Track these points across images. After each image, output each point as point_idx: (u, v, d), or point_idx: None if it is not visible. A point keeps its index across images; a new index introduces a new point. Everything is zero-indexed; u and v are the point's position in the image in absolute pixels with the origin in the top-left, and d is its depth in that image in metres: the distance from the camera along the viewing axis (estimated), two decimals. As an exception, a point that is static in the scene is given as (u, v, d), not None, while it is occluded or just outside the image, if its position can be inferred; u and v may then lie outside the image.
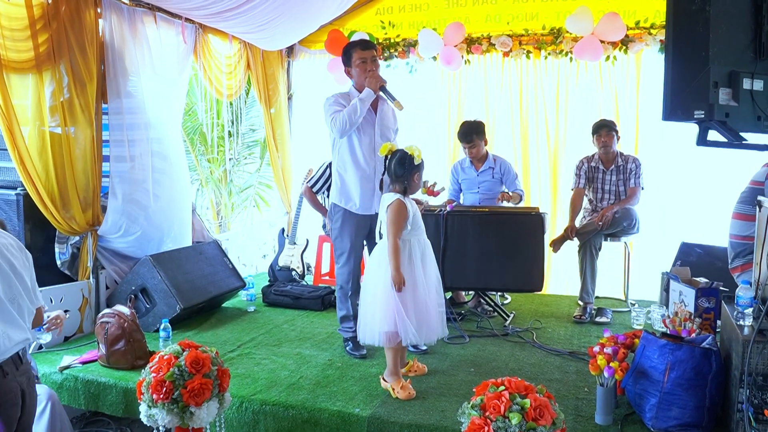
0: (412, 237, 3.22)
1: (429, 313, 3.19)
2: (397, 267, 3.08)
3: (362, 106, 3.56)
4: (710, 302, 3.59)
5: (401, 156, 3.22)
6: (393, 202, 3.17)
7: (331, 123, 3.60)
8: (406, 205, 3.17)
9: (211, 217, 7.13)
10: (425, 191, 3.93)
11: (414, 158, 3.19)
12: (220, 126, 6.82)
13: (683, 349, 2.65)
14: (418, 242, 3.25)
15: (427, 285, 3.22)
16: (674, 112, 2.13)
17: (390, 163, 3.26)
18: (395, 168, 3.22)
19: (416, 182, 3.27)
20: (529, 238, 4.24)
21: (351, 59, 3.71)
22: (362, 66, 3.67)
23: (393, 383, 3.14)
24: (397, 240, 3.12)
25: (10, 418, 2.21)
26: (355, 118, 3.55)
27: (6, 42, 3.50)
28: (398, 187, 3.23)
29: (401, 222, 3.14)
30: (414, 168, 3.21)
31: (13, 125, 3.57)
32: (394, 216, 3.14)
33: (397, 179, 3.23)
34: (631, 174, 4.65)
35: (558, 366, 3.54)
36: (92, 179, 4.07)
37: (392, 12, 6.04)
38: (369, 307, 3.22)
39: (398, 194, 3.20)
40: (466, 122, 4.77)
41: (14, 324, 2.25)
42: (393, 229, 3.13)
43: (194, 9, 4.63)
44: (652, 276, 4.93)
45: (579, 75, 5.51)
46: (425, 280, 3.22)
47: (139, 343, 3.51)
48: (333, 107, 3.64)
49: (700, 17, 2.00)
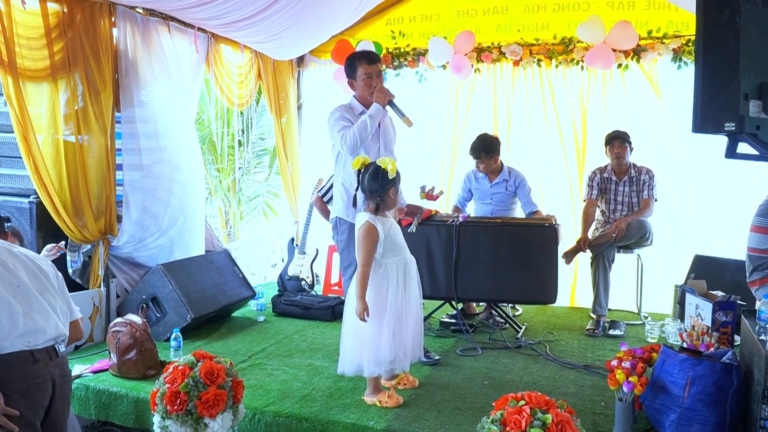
0: (389, 259, 3.06)
1: (405, 341, 3.07)
2: (361, 295, 2.93)
3: (372, 123, 3.49)
4: (727, 316, 3.54)
5: (374, 170, 3.02)
6: (362, 224, 3.00)
7: (341, 141, 3.51)
8: (376, 228, 2.99)
9: (219, 226, 7.13)
10: (424, 196, 3.88)
11: (388, 172, 3.00)
12: (230, 135, 6.83)
13: (704, 364, 2.61)
14: (396, 263, 3.09)
15: (407, 309, 3.08)
16: (704, 125, 2.10)
17: (363, 178, 3.07)
18: (368, 183, 3.03)
19: (392, 197, 3.06)
20: (542, 250, 4.20)
21: (355, 72, 3.63)
22: (367, 81, 3.59)
23: (378, 397, 3.09)
24: (365, 267, 2.96)
25: (36, 403, 2.23)
26: (365, 135, 3.48)
27: (22, 50, 3.52)
28: (371, 205, 3.04)
29: (370, 247, 2.97)
30: (388, 183, 3.01)
31: (28, 133, 3.58)
32: (362, 241, 2.98)
33: (370, 195, 3.04)
34: (644, 185, 4.62)
35: (573, 380, 3.50)
36: (106, 188, 4.08)
37: (403, 22, 6.05)
38: (346, 336, 3.12)
39: (369, 214, 3.03)
40: (479, 138, 4.72)
41: (46, 315, 2.30)
42: (362, 254, 2.98)
43: (207, 19, 4.64)
44: (664, 289, 4.89)
45: (590, 84, 5.49)
46: (405, 303, 3.08)
47: (151, 352, 3.49)
48: (340, 123, 3.55)
49: (730, 28, 1.98)
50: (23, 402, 2.18)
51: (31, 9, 3.56)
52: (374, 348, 3.02)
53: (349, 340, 3.10)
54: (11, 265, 2.28)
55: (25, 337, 2.21)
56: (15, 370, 2.18)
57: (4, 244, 2.35)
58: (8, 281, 2.23)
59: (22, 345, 2.20)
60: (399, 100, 3.63)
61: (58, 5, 3.73)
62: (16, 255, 2.33)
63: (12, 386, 2.16)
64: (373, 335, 3.02)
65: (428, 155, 6.03)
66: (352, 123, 3.54)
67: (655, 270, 5.00)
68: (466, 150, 4.85)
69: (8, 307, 2.19)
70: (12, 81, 3.48)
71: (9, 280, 2.23)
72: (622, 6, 5.25)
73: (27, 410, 2.20)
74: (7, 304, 2.19)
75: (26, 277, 2.30)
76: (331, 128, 3.61)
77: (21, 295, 2.25)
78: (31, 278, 2.31)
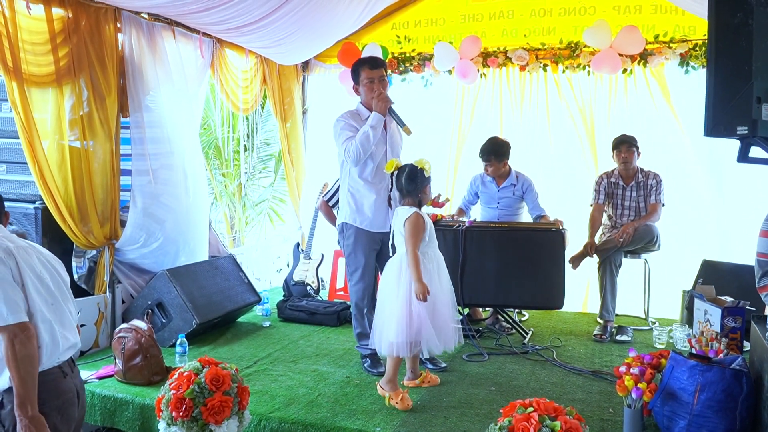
0: (429, 249, 3.26)
1: (447, 323, 3.23)
2: (418, 277, 3.10)
3: (374, 133, 3.53)
4: (736, 322, 3.51)
5: (411, 170, 3.26)
6: (411, 215, 3.19)
7: (344, 153, 3.58)
8: (424, 218, 3.21)
9: (224, 231, 7.12)
10: (430, 203, 3.90)
11: (425, 170, 3.25)
12: (236, 140, 6.83)
13: (713, 371, 2.58)
14: (434, 254, 3.30)
15: (443, 296, 3.26)
16: (716, 128, 2.08)
17: (399, 179, 3.29)
18: (406, 183, 3.26)
19: (428, 194, 3.33)
20: (549, 255, 4.18)
21: (359, 77, 3.68)
22: (369, 86, 3.63)
23: (391, 393, 3.15)
24: (416, 252, 3.14)
25: (69, 418, 2.25)
26: (368, 146, 3.53)
27: (27, 56, 3.52)
28: (412, 201, 3.26)
29: (420, 234, 3.17)
30: (425, 180, 3.27)
31: (33, 139, 3.57)
32: (413, 229, 3.16)
33: (409, 194, 3.27)
34: (651, 190, 4.59)
35: (580, 386, 3.47)
36: (111, 193, 4.07)
37: (408, 26, 6.05)
38: (385, 318, 3.23)
39: (414, 207, 3.23)
40: (490, 141, 4.71)
41: (69, 326, 2.32)
42: (412, 241, 3.15)
43: (213, 24, 4.64)
44: (672, 294, 4.86)
45: (597, 89, 5.46)
46: (441, 291, 3.26)
47: (156, 358, 3.48)
48: (345, 132, 3.60)
49: (742, 31, 1.96)
50: (59, 419, 2.19)
51: (36, 14, 3.56)
52: (406, 329, 3.13)
53: (391, 321, 3.19)
54: (46, 276, 2.26)
55: (60, 356, 2.24)
56: (50, 387, 2.19)
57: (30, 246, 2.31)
58: (46, 300, 2.22)
59: (55, 362, 2.22)
60: (405, 104, 3.64)
61: (63, 10, 3.73)
62: (44, 263, 2.30)
63: (49, 404, 2.17)
64: (409, 316, 3.13)
65: (433, 160, 5.99)
66: (358, 129, 3.57)
67: (663, 275, 4.96)
68: (472, 155, 4.84)
69: (50, 327, 2.20)
70: (17, 86, 3.48)
71: (46, 299, 2.22)
72: (629, 10, 5.24)
73: (63, 426, 2.21)
74: (49, 325, 2.20)
75: (54, 287, 2.29)
76: (336, 137, 3.66)
77: (55, 311, 2.25)
78: (56, 288, 2.31)
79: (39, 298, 2.19)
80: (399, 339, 3.14)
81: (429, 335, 3.15)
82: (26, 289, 2.15)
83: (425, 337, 3.15)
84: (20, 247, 2.23)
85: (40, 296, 2.19)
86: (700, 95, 2.66)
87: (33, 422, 2.06)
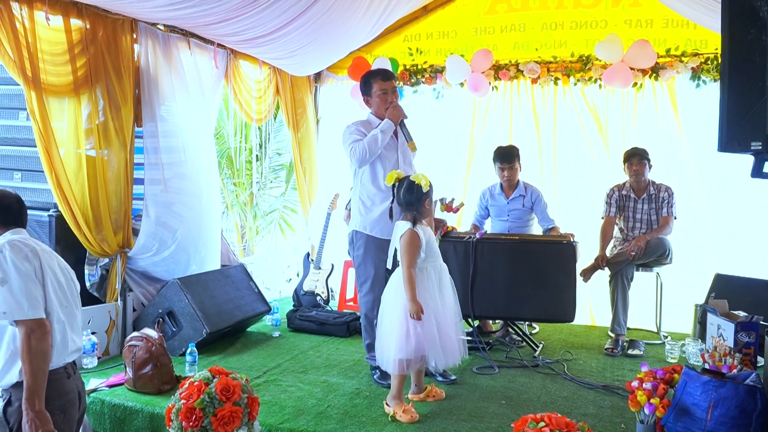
0: (428, 264, 3.23)
1: (450, 337, 3.19)
2: (412, 297, 3.08)
3: (383, 138, 3.55)
4: (750, 337, 3.47)
5: (409, 184, 3.24)
6: (405, 232, 3.17)
7: (350, 153, 3.60)
8: (419, 234, 3.17)
9: (235, 241, 7.14)
10: (444, 208, 3.89)
11: (422, 186, 3.20)
12: (248, 150, 6.86)
13: (727, 386, 2.56)
14: (434, 269, 3.26)
15: (444, 311, 3.22)
16: (730, 144, 2.08)
17: (399, 192, 3.29)
18: (404, 195, 3.24)
19: (427, 208, 3.28)
20: (560, 267, 4.16)
21: (371, 89, 3.70)
22: (383, 97, 3.66)
23: (395, 407, 3.13)
24: (411, 270, 3.13)
25: (71, 418, 2.31)
26: (375, 149, 3.55)
27: (46, 66, 3.58)
28: (409, 216, 3.23)
29: (414, 252, 3.15)
30: (423, 195, 3.22)
31: (51, 147, 3.62)
32: (407, 246, 3.14)
33: (407, 207, 3.25)
34: (663, 203, 4.58)
35: (592, 400, 3.44)
36: (124, 201, 4.11)
37: (420, 39, 6.08)
38: (386, 335, 3.22)
39: (409, 223, 3.20)
40: (504, 146, 4.74)
41: (77, 330, 2.41)
42: (407, 259, 3.14)
43: (227, 35, 4.69)
44: (684, 308, 4.82)
45: (609, 102, 5.46)
46: (443, 306, 3.22)
47: (166, 367, 3.49)
48: (353, 136, 3.62)
49: (756, 47, 1.96)
50: (62, 418, 2.25)
51: (54, 25, 3.63)
52: (404, 347, 3.10)
53: (391, 338, 3.17)
54: (63, 281, 2.36)
55: (66, 357, 2.31)
56: (55, 386, 2.24)
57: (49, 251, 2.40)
58: (61, 302, 2.32)
59: (62, 362, 2.30)
60: (416, 116, 3.66)
61: (81, 21, 3.79)
62: (62, 268, 2.41)
63: (53, 403, 2.22)
64: (407, 335, 3.10)
65: (445, 172, 6.02)
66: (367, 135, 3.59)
67: (675, 289, 4.93)
68: (483, 167, 4.83)
69: (62, 328, 2.29)
70: (36, 96, 3.53)
71: (61, 301, 2.32)
72: (640, 24, 5.25)
73: (65, 425, 2.25)
74: (62, 326, 2.29)
75: (68, 292, 2.38)
76: (344, 141, 3.68)
77: (67, 314, 2.34)
78: (70, 293, 2.39)
79: (56, 299, 2.29)
80: (398, 356, 3.11)
81: (429, 352, 3.13)
82: (46, 289, 2.26)
83: (426, 353, 3.13)
84: (44, 249, 2.34)
85: (57, 297, 2.30)
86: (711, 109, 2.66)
87: (39, 416, 2.13)
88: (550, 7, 5.54)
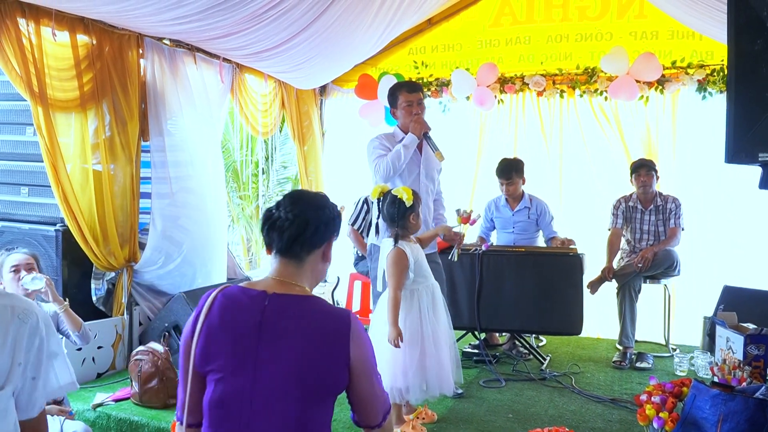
0: (418, 285, 3.05)
1: (441, 365, 3.02)
2: (394, 322, 2.88)
3: (406, 153, 3.51)
4: (760, 349, 3.44)
5: (392, 198, 3.05)
6: (391, 251, 2.99)
7: (374, 169, 3.55)
8: (406, 253, 2.98)
9: (241, 254, 7.16)
10: (461, 221, 3.79)
11: (404, 200, 3.00)
12: (254, 163, 6.89)
13: (736, 400, 2.53)
14: (425, 289, 3.08)
15: (437, 334, 3.05)
16: (738, 155, 2.07)
17: (383, 206, 3.11)
18: (387, 208, 3.07)
19: (413, 223, 3.07)
20: (567, 280, 4.15)
21: (397, 101, 3.69)
22: (408, 109, 3.63)
23: (402, 428, 3.04)
24: (398, 293, 2.94)
25: None
26: (399, 165, 3.50)
27: (52, 81, 3.61)
28: (395, 231, 3.05)
29: (401, 272, 2.96)
30: (407, 209, 3.02)
31: (57, 162, 3.64)
32: (394, 266, 2.96)
33: (390, 222, 3.07)
34: (670, 214, 4.55)
35: (600, 414, 3.41)
36: (130, 215, 4.13)
37: (425, 52, 6.09)
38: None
39: (394, 240, 3.02)
40: (506, 159, 4.74)
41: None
42: (393, 280, 2.95)
43: (233, 49, 4.72)
44: (692, 320, 4.78)
45: (614, 114, 5.45)
46: (437, 328, 3.06)
47: (172, 381, 3.47)
48: (377, 151, 3.59)
49: (763, 58, 1.95)
50: None
51: (61, 41, 3.66)
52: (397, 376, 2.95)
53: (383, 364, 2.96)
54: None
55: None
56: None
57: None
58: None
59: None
60: (433, 138, 3.62)
61: (87, 37, 3.83)
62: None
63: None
64: (396, 362, 2.95)
65: (451, 185, 5.99)
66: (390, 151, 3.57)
67: (683, 301, 4.90)
68: (489, 181, 4.81)
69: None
70: (42, 111, 3.56)
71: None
72: (646, 36, 5.24)
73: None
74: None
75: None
76: (368, 156, 3.65)
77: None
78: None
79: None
80: (394, 384, 2.93)
81: (419, 379, 2.95)
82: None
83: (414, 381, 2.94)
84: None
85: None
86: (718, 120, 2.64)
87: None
88: (555, 20, 5.54)
